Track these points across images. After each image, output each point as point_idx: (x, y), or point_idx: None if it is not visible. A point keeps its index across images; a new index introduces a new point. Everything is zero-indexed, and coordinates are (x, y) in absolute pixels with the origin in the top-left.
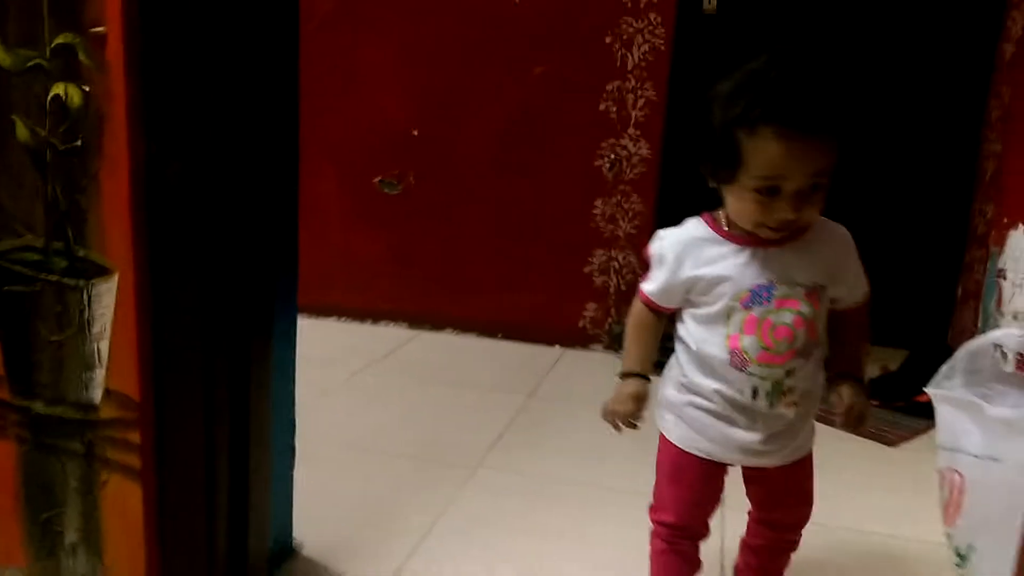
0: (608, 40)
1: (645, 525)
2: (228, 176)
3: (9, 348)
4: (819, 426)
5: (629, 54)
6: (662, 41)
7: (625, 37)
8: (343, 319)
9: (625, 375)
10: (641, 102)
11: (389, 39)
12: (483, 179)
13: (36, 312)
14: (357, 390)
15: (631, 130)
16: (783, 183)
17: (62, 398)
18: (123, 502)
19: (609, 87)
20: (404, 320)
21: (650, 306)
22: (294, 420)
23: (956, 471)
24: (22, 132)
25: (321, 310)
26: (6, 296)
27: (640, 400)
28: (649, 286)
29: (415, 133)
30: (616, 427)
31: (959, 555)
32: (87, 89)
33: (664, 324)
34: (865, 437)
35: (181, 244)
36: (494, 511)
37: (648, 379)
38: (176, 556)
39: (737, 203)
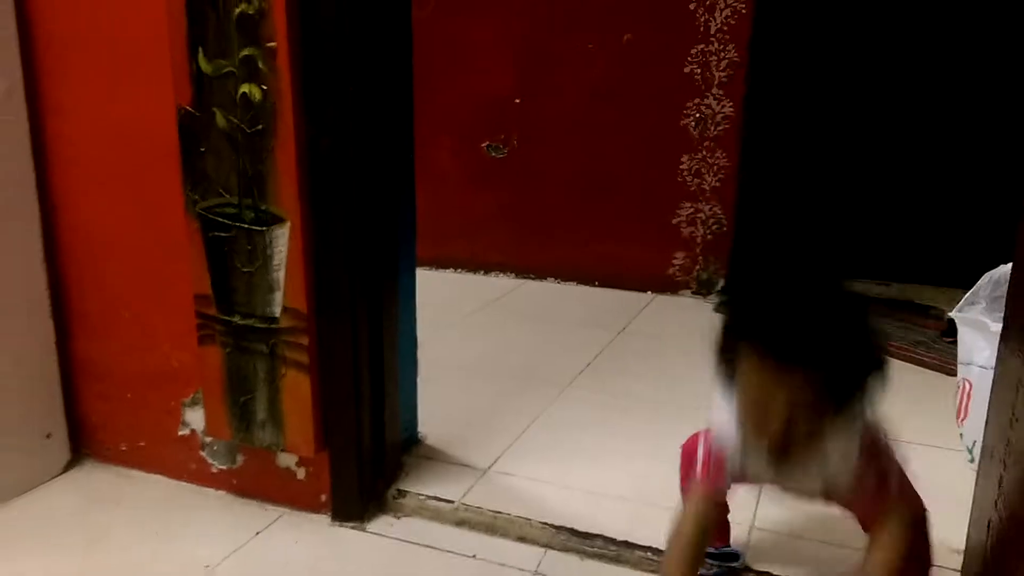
0: (692, 6)
1: None
2: (364, 148)
3: (215, 277)
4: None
5: (712, 19)
6: (743, 4)
7: (708, 2)
8: (458, 270)
9: None
10: (724, 63)
11: (491, 18)
12: (578, 140)
13: (233, 251)
14: (469, 327)
15: (715, 90)
16: (770, 406)
17: (252, 313)
18: (297, 389)
19: (693, 51)
20: (511, 270)
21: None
22: (416, 337)
23: (968, 380)
24: (221, 121)
25: (439, 262)
26: (213, 240)
27: None
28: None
29: (517, 101)
30: None
31: (969, 451)
32: (265, 88)
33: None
34: (931, 369)
35: (332, 200)
36: (579, 420)
37: None
38: (335, 431)
39: (740, 416)
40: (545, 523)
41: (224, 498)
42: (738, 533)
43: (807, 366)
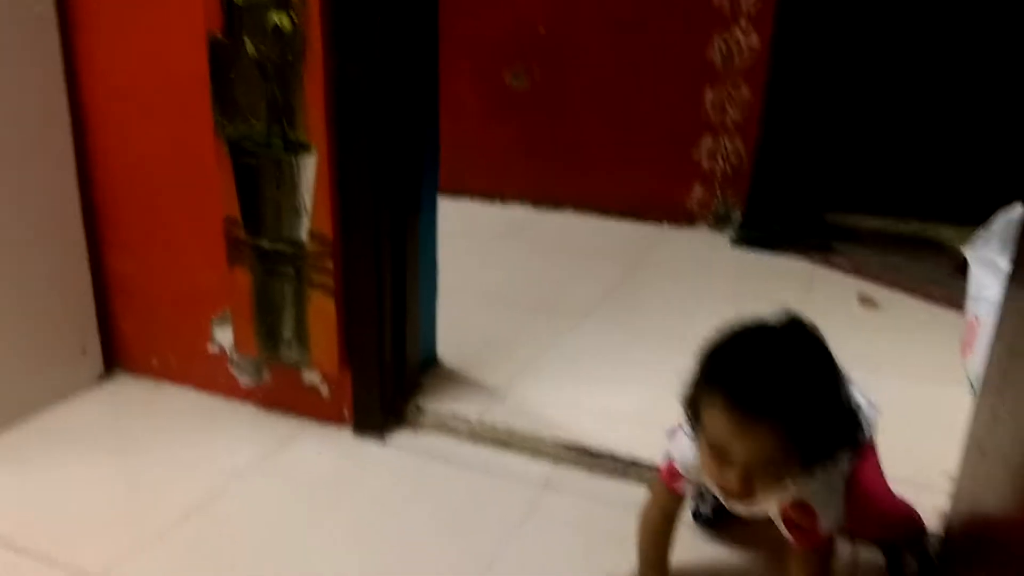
0: None
1: None
2: (390, 77)
3: (244, 202)
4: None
5: None
6: None
7: None
8: (476, 199)
9: None
10: None
11: None
12: (601, 71)
13: (261, 177)
14: (487, 255)
15: (742, 22)
16: (730, 453)
17: (280, 237)
18: (322, 311)
19: None
20: (529, 201)
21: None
22: (436, 263)
23: (976, 316)
24: (251, 50)
25: (457, 191)
26: (242, 166)
27: None
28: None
29: (541, 31)
30: None
31: (971, 384)
32: (294, 17)
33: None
34: (943, 305)
35: (358, 128)
36: (593, 348)
37: None
38: (357, 350)
39: (701, 455)
40: (556, 441)
41: (251, 411)
42: None
43: (771, 418)
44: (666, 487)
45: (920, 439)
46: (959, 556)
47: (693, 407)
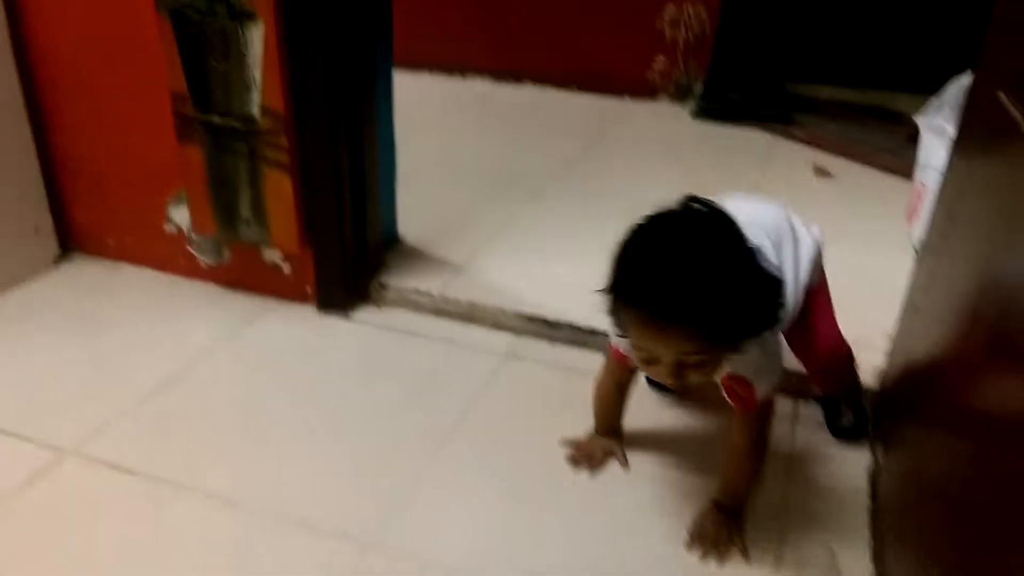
0: None
1: None
2: None
3: (191, 76)
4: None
5: None
6: None
7: None
8: (433, 72)
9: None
10: None
11: None
12: None
13: (207, 48)
14: (446, 130)
15: None
16: (658, 356)
17: (231, 112)
18: (279, 189)
19: None
20: (488, 74)
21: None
22: (394, 139)
23: (923, 183)
24: None
25: (414, 64)
26: (186, 37)
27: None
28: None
29: None
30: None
31: (915, 249)
32: None
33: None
34: (895, 174)
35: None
36: (553, 221)
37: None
38: (317, 228)
39: (632, 353)
40: (517, 312)
41: (214, 290)
42: None
43: (688, 324)
44: (616, 362)
45: (864, 303)
46: (893, 406)
47: (616, 315)
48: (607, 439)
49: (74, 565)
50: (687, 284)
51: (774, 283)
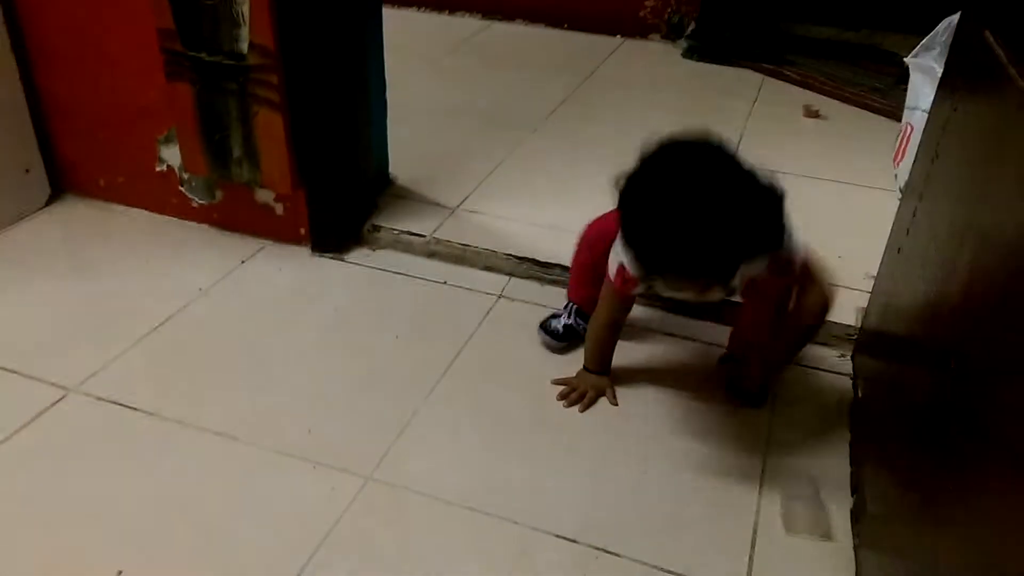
0: None
1: None
2: None
3: (178, 11)
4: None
5: None
6: None
7: None
8: (422, 9)
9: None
10: None
11: None
12: None
13: None
14: (436, 70)
15: None
16: (676, 290)
17: (219, 49)
18: (270, 127)
19: None
20: (478, 11)
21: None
22: (385, 78)
23: (910, 124)
24: None
25: (403, 1)
26: None
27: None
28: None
29: None
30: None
31: (900, 191)
32: None
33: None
34: (883, 115)
35: None
36: (545, 162)
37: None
38: (310, 168)
39: (655, 284)
40: (509, 254)
41: (207, 231)
42: None
43: (708, 276)
44: (616, 295)
45: (849, 243)
46: (872, 345)
47: (636, 264)
48: (597, 376)
49: (78, 500)
50: (707, 245)
51: (778, 199)
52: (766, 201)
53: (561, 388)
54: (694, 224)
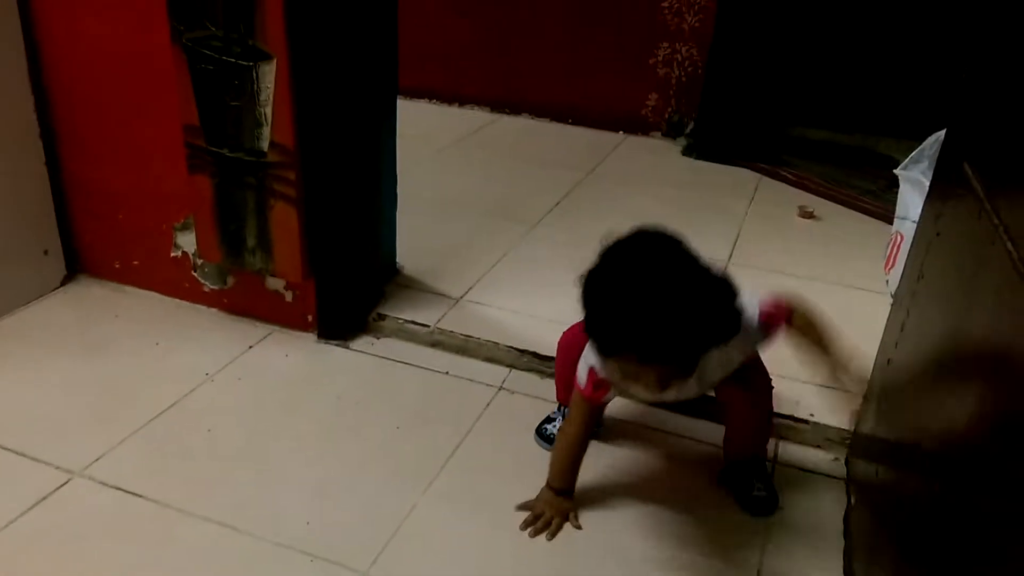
0: None
1: None
2: None
3: (203, 110)
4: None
5: None
6: None
7: None
8: (433, 101)
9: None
10: None
11: None
12: None
13: (220, 85)
14: (444, 161)
15: None
16: (635, 380)
17: (241, 146)
18: (285, 220)
19: None
20: (487, 104)
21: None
22: (396, 172)
23: (900, 233)
24: None
25: (414, 92)
26: (200, 72)
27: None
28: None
29: None
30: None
31: (891, 296)
32: None
33: None
34: (876, 218)
35: (317, 36)
36: (546, 256)
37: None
38: (320, 259)
39: (614, 377)
40: (511, 346)
41: (217, 315)
42: None
43: (667, 363)
44: (586, 404)
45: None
46: (866, 451)
47: (600, 347)
48: (560, 499)
49: None
50: (665, 330)
51: (730, 289)
52: (718, 289)
53: (525, 515)
54: (649, 300)
